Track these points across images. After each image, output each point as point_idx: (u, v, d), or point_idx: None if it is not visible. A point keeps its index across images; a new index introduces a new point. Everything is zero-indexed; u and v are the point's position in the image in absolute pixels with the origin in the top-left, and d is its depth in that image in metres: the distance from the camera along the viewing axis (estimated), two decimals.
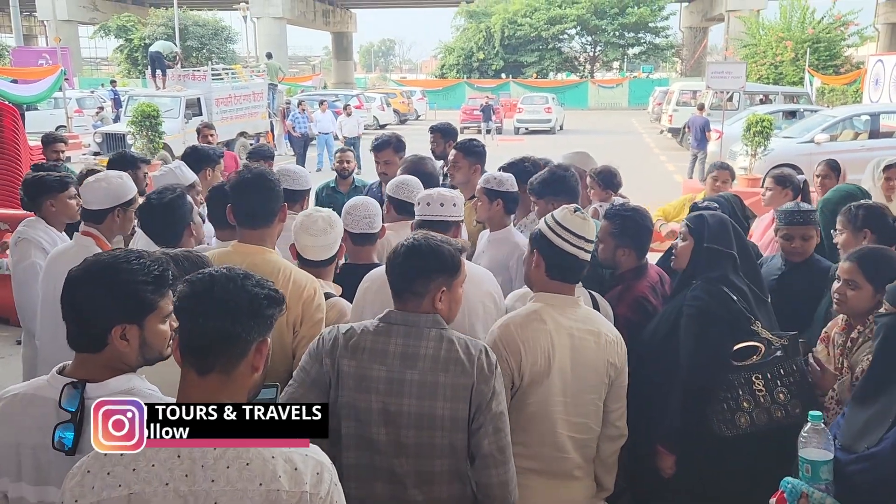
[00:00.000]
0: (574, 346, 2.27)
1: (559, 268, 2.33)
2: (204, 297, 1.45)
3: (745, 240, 2.75)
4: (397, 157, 4.50)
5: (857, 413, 2.05)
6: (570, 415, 2.29)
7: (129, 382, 1.64)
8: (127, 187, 3.18)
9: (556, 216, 2.37)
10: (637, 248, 2.96)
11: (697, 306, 2.54)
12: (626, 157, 15.92)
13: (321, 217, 2.70)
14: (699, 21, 51.97)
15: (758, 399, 2.46)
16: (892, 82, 19.32)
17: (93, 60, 59.08)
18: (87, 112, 23.73)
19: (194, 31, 40.80)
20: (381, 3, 63.71)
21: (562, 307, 2.32)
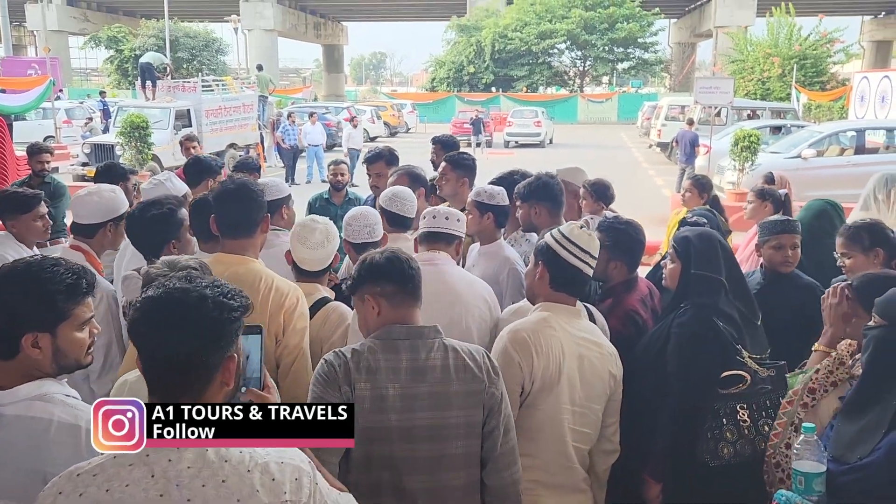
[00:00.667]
0: (581, 354, 2.30)
1: (564, 280, 2.36)
2: (156, 322, 1.36)
3: (733, 258, 2.70)
4: (388, 168, 4.47)
5: (847, 424, 2.05)
6: (576, 424, 2.30)
7: (40, 388, 1.62)
8: (119, 201, 3.16)
9: (564, 230, 2.40)
10: (629, 261, 2.96)
11: (685, 333, 2.50)
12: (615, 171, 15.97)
13: (318, 230, 2.71)
14: (688, 37, 52.51)
15: (742, 430, 2.42)
16: (877, 99, 19.57)
17: (83, 71, 58.97)
18: (76, 122, 23.66)
19: (185, 43, 40.82)
20: (373, 17, 64.00)
21: (567, 317, 2.34)
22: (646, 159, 22.84)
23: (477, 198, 3.39)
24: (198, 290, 1.40)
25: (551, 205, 3.35)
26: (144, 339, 1.37)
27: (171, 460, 1.31)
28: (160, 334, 1.35)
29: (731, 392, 2.43)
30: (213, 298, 1.39)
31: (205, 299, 1.38)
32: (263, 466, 1.35)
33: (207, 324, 1.36)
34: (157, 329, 1.35)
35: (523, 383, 2.24)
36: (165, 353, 1.35)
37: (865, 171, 12.29)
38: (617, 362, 2.39)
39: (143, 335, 1.38)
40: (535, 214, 3.35)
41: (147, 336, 1.37)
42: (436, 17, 54.23)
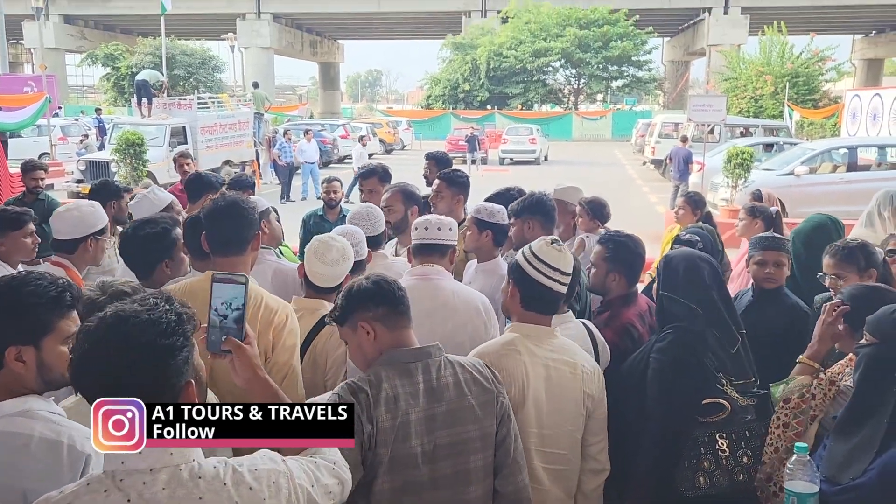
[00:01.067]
0: (549, 376, 2.26)
1: (533, 299, 2.32)
2: (91, 366, 1.29)
3: (710, 284, 2.53)
4: (382, 186, 4.48)
5: (839, 444, 2.05)
6: (545, 446, 2.26)
7: (24, 404, 1.60)
8: (98, 216, 3.18)
9: (533, 247, 2.37)
10: (628, 274, 2.96)
11: (662, 360, 2.44)
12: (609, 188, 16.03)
13: (336, 247, 2.73)
14: (681, 55, 52.94)
15: (720, 460, 2.36)
16: (868, 116, 19.73)
17: (79, 88, 59.10)
18: (72, 139, 23.68)
19: (182, 60, 40.97)
20: (368, 35, 64.39)
21: (537, 337, 2.30)
22: (640, 176, 22.94)
23: (477, 215, 3.41)
24: (131, 311, 1.33)
25: (544, 220, 3.38)
26: (87, 388, 1.31)
27: (145, 483, 1.29)
28: (97, 374, 1.29)
29: (710, 420, 2.39)
30: (153, 314, 1.32)
31: (143, 317, 1.32)
32: (238, 478, 1.35)
33: (154, 360, 1.31)
34: (90, 369, 1.30)
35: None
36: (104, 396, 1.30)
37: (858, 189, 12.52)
38: (597, 381, 2.35)
39: (84, 385, 1.32)
40: (528, 230, 3.36)
41: (89, 386, 1.31)
42: (431, 35, 54.60)
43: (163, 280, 2.81)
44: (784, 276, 3.23)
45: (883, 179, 13.27)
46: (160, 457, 1.31)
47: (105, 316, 1.33)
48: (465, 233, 3.51)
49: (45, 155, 19.77)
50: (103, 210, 3.28)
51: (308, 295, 2.78)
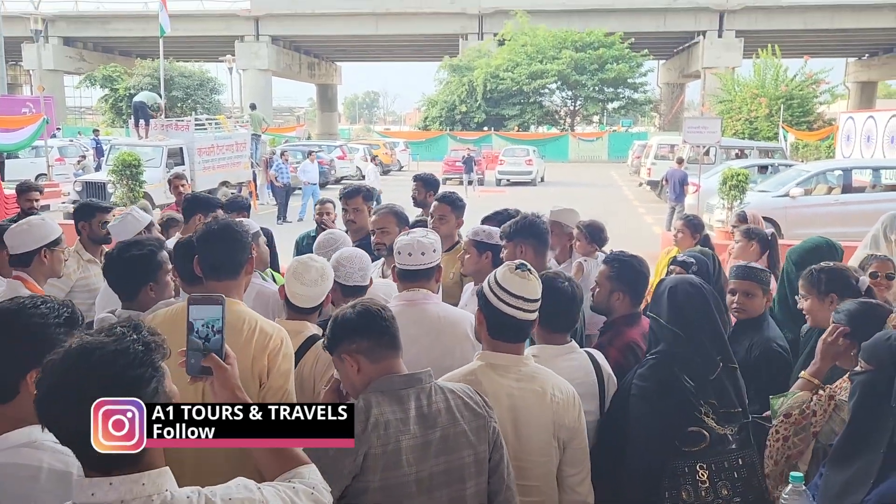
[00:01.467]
0: (514, 406, 2.17)
1: (498, 327, 2.23)
2: (56, 401, 1.26)
3: (699, 307, 2.49)
4: (366, 205, 4.53)
5: (835, 474, 2.02)
6: (515, 479, 2.14)
7: (29, 435, 1.58)
8: (49, 228, 3.23)
9: (497, 274, 2.28)
10: (632, 294, 2.95)
11: (642, 387, 2.40)
12: (605, 209, 16.10)
13: (315, 268, 2.72)
14: (676, 77, 53.43)
15: (699, 491, 2.31)
16: (863, 138, 19.88)
17: (77, 109, 59.37)
18: (69, 160, 23.72)
19: (180, 82, 41.21)
20: (366, 57, 64.90)
21: (504, 367, 2.22)
22: (636, 197, 23.01)
23: (475, 237, 3.43)
24: (95, 343, 1.30)
25: (537, 243, 3.32)
26: (48, 417, 1.28)
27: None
28: (68, 417, 1.26)
29: (692, 450, 2.35)
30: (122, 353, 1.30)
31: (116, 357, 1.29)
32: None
33: (121, 393, 1.28)
34: (64, 412, 1.26)
35: None
36: (73, 431, 1.27)
37: (853, 210, 12.56)
38: (573, 409, 2.24)
39: (50, 421, 1.29)
40: (520, 253, 3.29)
41: (55, 422, 1.28)
42: (428, 57, 55.04)
43: (147, 303, 2.78)
44: (757, 307, 3.14)
45: (878, 201, 13.34)
46: (131, 488, 1.28)
47: (70, 348, 1.30)
48: (462, 256, 3.50)
49: (41, 176, 19.79)
50: (54, 222, 3.32)
51: (290, 316, 2.76)
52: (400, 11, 44.60)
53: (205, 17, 46.37)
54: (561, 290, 2.48)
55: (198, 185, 16.76)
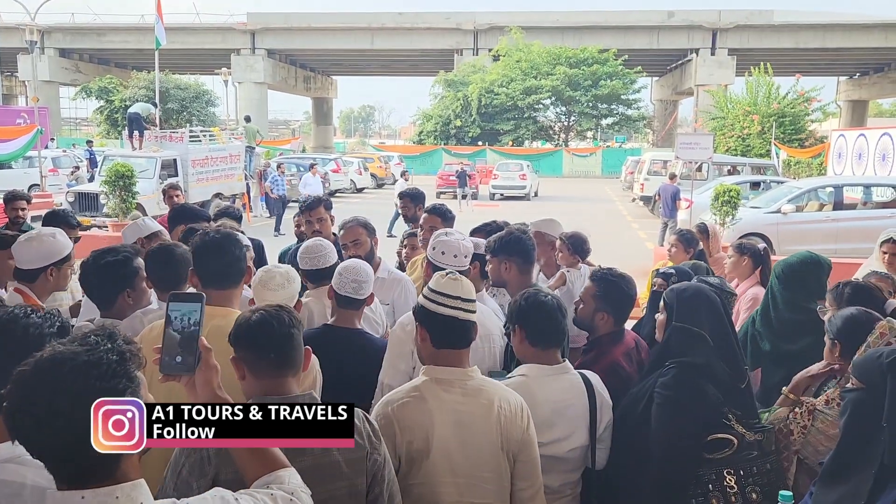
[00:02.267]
0: (459, 421, 2.13)
1: (444, 334, 2.21)
2: (26, 416, 1.22)
3: (721, 316, 2.52)
4: (329, 215, 4.60)
5: (825, 494, 2.00)
6: (464, 496, 2.13)
7: (12, 451, 1.53)
8: (60, 245, 3.16)
9: (431, 284, 2.30)
10: (616, 314, 2.90)
11: (667, 396, 2.38)
12: (599, 224, 16.15)
13: (279, 273, 2.73)
14: (669, 94, 53.82)
15: (728, 497, 2.31)
16: (854, 156, 20.03)
17: (73, 121, 59.34)
18: (63, 171, 23.66)
19: (175, 94, 41.28)
20: (362, 72, 65.17)
21: (448, 381, 2.18)
22: (629, 212, 23.08)
23: None
24: (74, 361, 1.25)
25: (521, 261, 3.27)
26: (17, 431, 1.24)
27: None
28: (38, 432, 1.23)
29: (716, 457, 2.33)
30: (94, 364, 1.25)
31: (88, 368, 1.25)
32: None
33: (88, 402, 1.24)
34: (34, 427, 1.23)
35: (395, 459, 2.11)
36: (45, 446, 1.24)
37: (844, 227, 12.62)
38: (520, 420, 2.19)
39: (21, 436, 1.24)
40: (504, 270, 3.27)
41: (26, 438, 1.24)
42: (424, 72, 55.33)
43: (125, 310, 2.76)
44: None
45: (868, 218, 13.41)
46: (104, 500, 1.25)
47: (40, 359, 1.25)
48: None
49: (34, 186, 19.73)
50: (66, 238, 3.26)
51: None
52: (395, 27, 44.88)
53: (201, 30, 46.54)
54: (546, 304, 2.45)
55: (191, 197, 16.71)
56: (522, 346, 2.45)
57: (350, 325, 2.93)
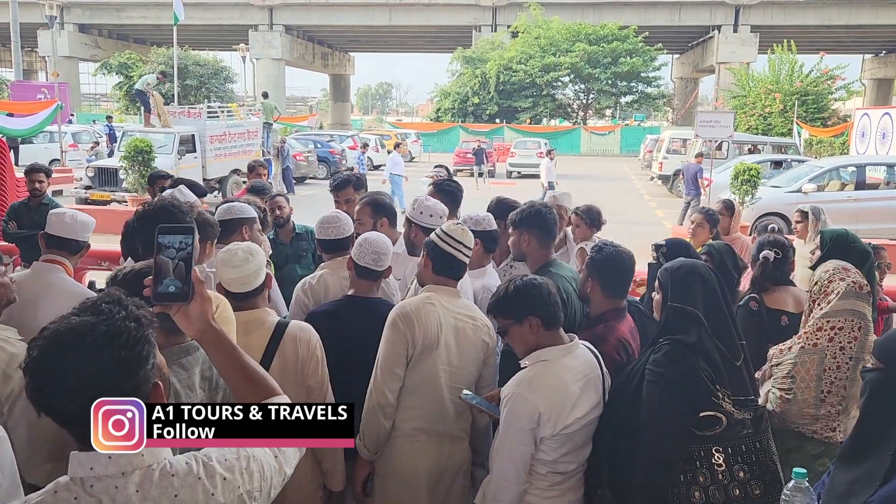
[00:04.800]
0: (457, 326, 2.75)
1: (443, 265, 2.83)
2: (54, 391, 1.25)
3: (718, 294, 2.51)
4: (357, 194, 4.43)
5: (842, 473, 1.98)
6: (453, 382, 2.74)
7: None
8: (91, 223, 3.33)
9: (444, 227, 2.90)
10: (603, 285, 2.90)
11: (658, 373, 2.39)
12: (617, 203, 16.06)
13: (240, 249, 2.66)
14: (690, 72, 53.04)
15: (715, 474, 2.31)
16: (878, 135, 19.67)
17: (92, 97, 59.66)
18: (82, 146, 23.88)
19: (194, 71, 41.30)
20: (379, 48, 64.82)
21: (447, 297, 2.79)
22: (647, 191, 22.91)
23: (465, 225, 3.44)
24: (95, 332, 1.27)
25: (542, 234, 3.30)
26: (43, 402, 1.27)
27: (117, 487, 1.27)
28: (69, 405, 1.26)
29: (707, 434, 2.33)
30: (116, 334, 1.28)
31: (110, 338, 1.27)
32: (211, 471, 1.35)
33: (122, 375, 1.28)
34: (65, 401, 1.26)
35: (407, 347, 2.68)
36: (73, 415, 1.27)
37: (865, 207, 12.47)
38: (490, 332, 2.84)
39: (39, 397, 1.27)
40: (524, 243, 3.31)
41: (44, 398, 1.27)
42: (442, 48, 54.91)
43: None
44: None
45: (891, 198, 13.24)
46: (131, 459, 1.29)
47: (59, 332, 1.27)
48: None
49: (55, 161, 19.94)
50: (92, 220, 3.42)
51: (238, 308, 2.64)
52: (413, 2, 44.50)
53: (219, 5, 46.40)
54: (541, 287, 2.49)
55: (209, 173, 16.83)
56: (534, 335, 2.46)
57: (371, 294, 3.03)
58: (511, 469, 2.37)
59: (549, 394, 2.36)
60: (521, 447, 2.36)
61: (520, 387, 2.38)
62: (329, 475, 2.77)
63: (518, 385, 2.39)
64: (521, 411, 2.34)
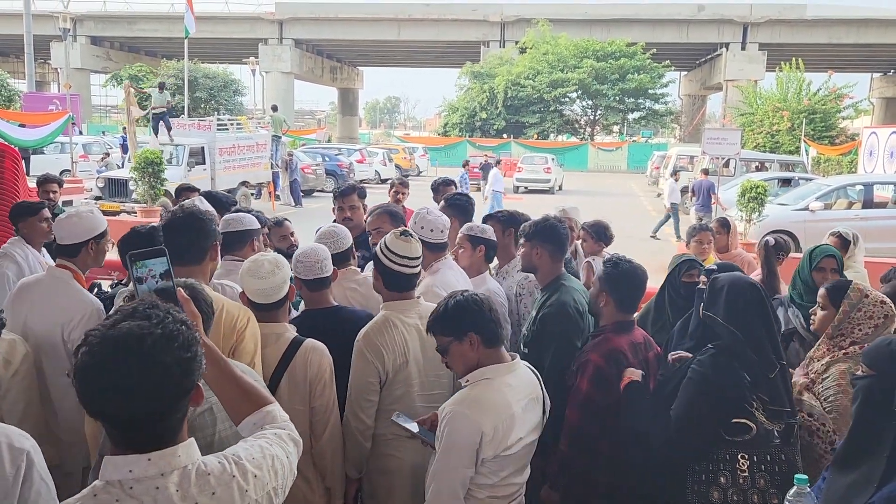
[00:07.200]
0: (421, 337, 2.73)
1: (392, 282, 2.83)
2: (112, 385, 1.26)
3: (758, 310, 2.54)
4: (361, 201, 4.64)
5: (838, 478, 2.04)
6: (425, 390, 2.80)
7: None
8: (98, 221, 3.32)
9: (386, 240, 2.84)
10: (617, 300, 2.90)
11: (700, 372, 2.44)
12: (623, 219, 16.06)
13: (267, 260, 2.68)
14: (698, 89, 53.17)
15: (737, 478, 2.37)
16: (886, 154, 19.66)
17: (103, 108, 60.18)
18: (93, 157, 24.07)
19: (204, 83, 41.67)
20: (388, 63, 65.25)
21: (405, 309, 2.80)
22: (654, 208, 22.89)
23: (469, 232, 3.62)
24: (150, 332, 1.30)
25: (553, 248, 3.32)
26: (100, 406, 1.29)
27: (157, 488, 1.30)
28: (119, 399, 1.28)
29: (735, 440, 2.39)
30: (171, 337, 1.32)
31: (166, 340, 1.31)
32: (243, 469, 1.41)
33: (178, 372, 1.32)
34: (114, 394, 1.27)
35: (379, 374, 2.72)
36: (129, 418, 1.30)
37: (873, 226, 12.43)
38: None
39: (96, 402, 1.29)
40: (536, 255, 3.33)
41: (102, 403, 1.29)
42: (450, 63, 55.24)
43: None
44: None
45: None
46: (170, 460, 1.33)
47: (116, 338, 1.29)
48: (457, 251, 3.57)
49: (65, 172, 20.10)
50: (101, 215, 3.42)
51: (260, 321, 2.67)
52: (422, 18, 44.83)
53: (230, 19, 46.91)
54: (481, 302, 2.38)
55: (218, 185, 16.93)
56: (474, 352, 2.35)
57: (326, 304, 3.04)
58: (447, 492, 2.23)
59: (493, 413, 2.24)
60: (461, 469, 2.23)
61: (461, 405, 2.25)
62: (331, 493, 2.78)
63: (460, 403, 2.26)
64: (462, 430, 2.21)
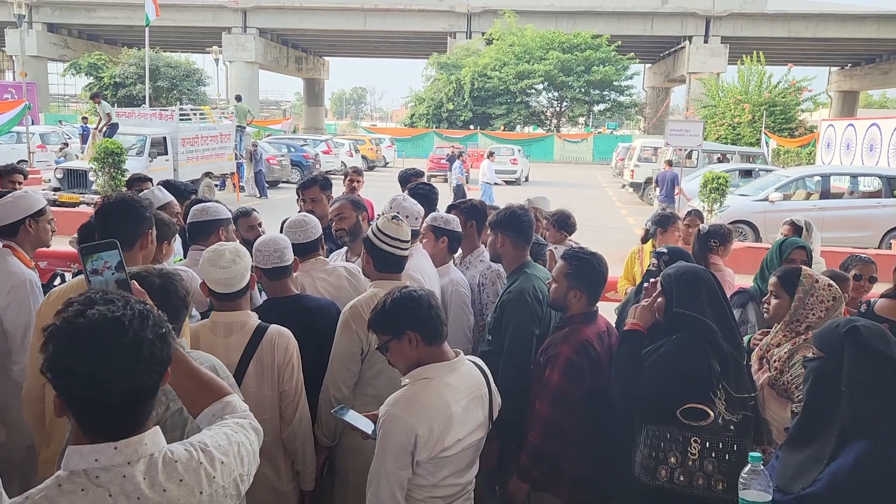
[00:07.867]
0: None
1: (382, 262, 2.97)
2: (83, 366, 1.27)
3: (718, 298, 2.58)
4: (324, 194, 4.57)
5: (791, 455, 2.12)
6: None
7: None
8: (33, 199, 3.35)
9: (378, 223, 2.99)
10: (589, 293, 2.91)
11: (671, 350, 2.48)
12: (588, 209, 16.23)
13: (227, 250, 2.66)
14: (662, 81, 53.82)
15: (686, 459, 2.42)
16: (842, 146, 20.18)
17: (61, 97, 58.67)
18: (51, 148, 23.48)
19: (166, 73, 40.90)
20: (354, 53, 64.72)
21: (392, 287, 2.69)
22: (619, 198, 23.18)
23: (434, 223, 3.59)
24: (125, 312, 1.33)
25: (516, 237, 3.36)
26: (83, 395, 1.30)
27: (125, 476, 1.30)
28: (104, 384, 1.29)
29: (692, 424, 2.42)
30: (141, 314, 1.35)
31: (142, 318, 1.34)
32: (210, 457, 1.42)
33: (156, 348, 1.34)
34: (100, 379, 1.28)
35: (362, 345, 2.83)
36: (111, 400, 1.31)
37: (830, 216, 12.74)
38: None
39: (79, 392, 1.30)
40: (499, 244, 3.38)
41: (86, 391, 1.29)
42: (417, 54, 55.03)
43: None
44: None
45: (854, 207, 13.59)
46: (137, 448, 1.33)
47: (94, 323, 1.29)
48: (421, 240, 3.58)
49: (22, 162, 19.57)
50: (39, 195, 3.43)
51: (220, 309, 2.67)
52: (388, 8, 44.57)
53: (192, 7, 46.00)
54: (420, 299, 2.34)
55: (181, 176, 16.66)
56: (414, 350, 2.31)
57: (288, 292, 3.04)
58: (386, 494, 2.21)
59: (428, 415, 2.20)
60: (397, 471, 2.20)
61: (396, 406, 2.22)
62: (301, 476, 2.80)
63: (395, 405, 2.23)
64: (396, 432, 2.18)
